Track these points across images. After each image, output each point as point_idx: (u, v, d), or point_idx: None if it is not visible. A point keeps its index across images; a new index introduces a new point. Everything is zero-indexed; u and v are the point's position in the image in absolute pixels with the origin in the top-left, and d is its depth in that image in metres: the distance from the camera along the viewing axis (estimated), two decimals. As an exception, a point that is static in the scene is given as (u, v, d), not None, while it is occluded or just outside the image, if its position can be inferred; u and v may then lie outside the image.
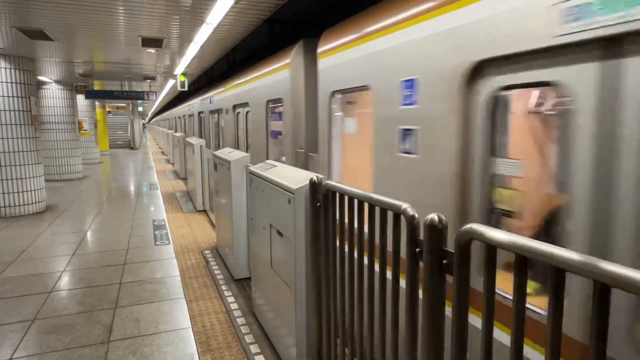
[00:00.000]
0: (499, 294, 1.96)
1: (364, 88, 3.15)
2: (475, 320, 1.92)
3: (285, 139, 4.79)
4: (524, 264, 1.06)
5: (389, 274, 1.69)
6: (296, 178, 2.65)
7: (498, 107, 2.07)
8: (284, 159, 4.93)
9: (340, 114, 3.76)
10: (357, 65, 3.20)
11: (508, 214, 2.17)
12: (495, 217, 2.16)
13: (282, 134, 4.97)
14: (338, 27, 3.64)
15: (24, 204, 7.84)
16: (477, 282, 1.89)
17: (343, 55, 3.42)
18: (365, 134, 3.33)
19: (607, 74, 1.53)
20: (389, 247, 1.65)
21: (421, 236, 1.42)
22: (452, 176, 2.22)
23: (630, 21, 1.39)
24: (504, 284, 1.88)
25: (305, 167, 4.29)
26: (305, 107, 4.38)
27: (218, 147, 9.80)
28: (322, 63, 3.83)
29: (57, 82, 11.92)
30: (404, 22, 2.60)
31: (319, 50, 3.89)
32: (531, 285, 2.02)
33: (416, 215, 1.48)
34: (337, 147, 3.79)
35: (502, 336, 1.90)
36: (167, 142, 19.13)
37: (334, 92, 3.63)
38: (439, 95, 2.27)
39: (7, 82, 7.52)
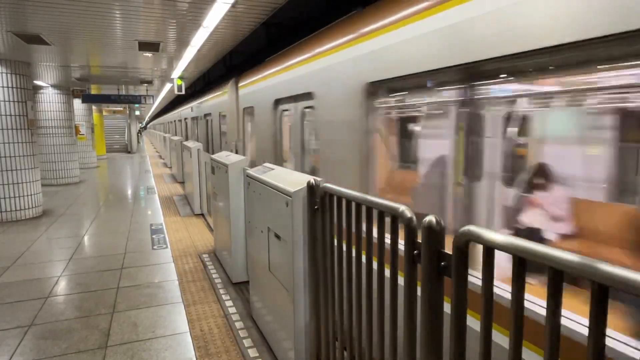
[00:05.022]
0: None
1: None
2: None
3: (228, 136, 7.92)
4: (523, 266, 1.06)
5: (387, 276, 1.69)
6: (293, 181, 2.65)
7: None
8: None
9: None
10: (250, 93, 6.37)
11: None
12: None
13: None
14: (246, 74, 6.73)
15: (21, 209, 7.79)
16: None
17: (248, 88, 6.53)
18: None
19: None
20: (387, 249, 1.65)
21: (419, 238, 1.42)
22: None
23: None
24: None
25: (236, 150, 7.26)
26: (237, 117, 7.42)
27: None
28: (240, 91, 7.13)
29: (53, 86, 11.89)
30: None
31: (239, 84, 7.26)
32: None
33: (414, 218, 1.48)
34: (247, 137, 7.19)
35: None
36: (165, 146, 19.09)
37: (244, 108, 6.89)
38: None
39: (3, 87, 7.49)
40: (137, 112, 27.62)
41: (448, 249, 1.30)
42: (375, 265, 1.76)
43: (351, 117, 3.17)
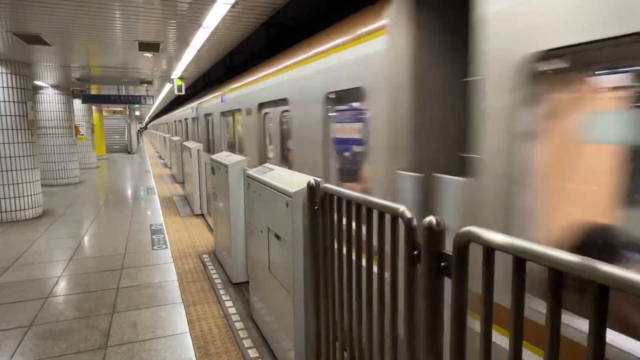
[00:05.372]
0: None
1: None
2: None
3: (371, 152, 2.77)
4: (522, 267, 1.06)
5: (387, 277, 1.69)
6: (294, 181, 2.65)
7: None
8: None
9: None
10: None
11: None
12: None
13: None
14: None
15: (21, 209, 7.80)
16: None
17: None
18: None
19: None
20: (387, 250, 1.65)
21: (419, 239, 1.42)
22: None
23: None
24: None
25: (418, 200, 2.27)
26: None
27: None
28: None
29: (53, 86, 11.90)
30: None
31: None
32: None
33: (414, 218, 1.48)
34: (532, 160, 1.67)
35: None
36: (165, 147, 19.09)
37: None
38: None
39: (3, 87, 7.49)
40: (137, 113, 27.62)
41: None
42: (375, 265, 1.76)
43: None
